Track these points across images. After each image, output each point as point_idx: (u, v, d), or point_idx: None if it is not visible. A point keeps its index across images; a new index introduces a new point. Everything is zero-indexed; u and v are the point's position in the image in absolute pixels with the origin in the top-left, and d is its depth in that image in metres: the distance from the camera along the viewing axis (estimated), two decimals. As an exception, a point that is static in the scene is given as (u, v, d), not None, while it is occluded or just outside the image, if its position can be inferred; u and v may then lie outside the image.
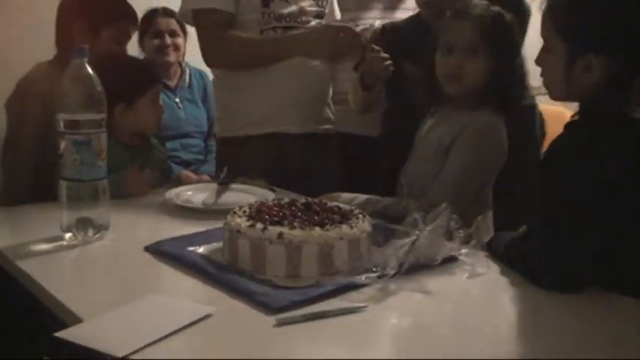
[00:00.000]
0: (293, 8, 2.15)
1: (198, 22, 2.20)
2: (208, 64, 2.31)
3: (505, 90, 1.75)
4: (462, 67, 1.74)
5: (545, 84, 1.45)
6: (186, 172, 2.64)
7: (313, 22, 2.21)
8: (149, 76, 2.08)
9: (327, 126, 2.32)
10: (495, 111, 1.76)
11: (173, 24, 3.02)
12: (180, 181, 2.39)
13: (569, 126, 1.39)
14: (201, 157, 2.98)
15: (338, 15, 2.43)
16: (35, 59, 2.20)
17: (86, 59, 1.52)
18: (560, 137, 1.38)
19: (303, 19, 2.16)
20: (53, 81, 1.85)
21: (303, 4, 2.17)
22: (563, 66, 1.37)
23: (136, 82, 2.02)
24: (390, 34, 2.32)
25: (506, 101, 1.77)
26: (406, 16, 2.43)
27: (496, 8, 1.76)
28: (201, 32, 2.19)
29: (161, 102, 2.15)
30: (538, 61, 1.44)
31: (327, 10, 2.27)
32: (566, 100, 1.45)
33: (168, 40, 2.97)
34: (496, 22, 1.74)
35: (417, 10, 2.33)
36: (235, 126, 2.24)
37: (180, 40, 3.00)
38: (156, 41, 2.98)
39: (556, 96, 1.44)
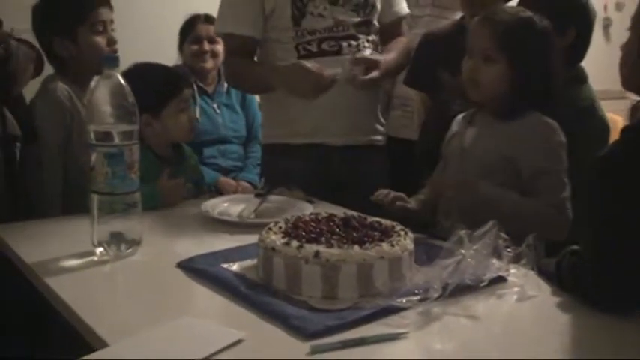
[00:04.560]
0: (329, 22, 2.06)
1: (224, 44, 2.32)
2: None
3: (530, 97, 1.66)
4: (479, 72, 1.68)
5: (620, 71, 1.40)
6: (226, 179, 2.61)
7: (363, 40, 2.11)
8: (172, 86, 2.01)
9: (374, 137, 2.22)
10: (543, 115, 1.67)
11: (213, 31, 2.99)
12: (218, 189, 2.35)
13: (621, 133, 1.31)
14: (240, 164, 2.94)
15: (404, 9, 2.27)
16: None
17: (118, 68, 1.48)
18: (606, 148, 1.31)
19: (340, 28, 2.07)
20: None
21: (341, 17, 2.07)
22: (635, 52, 1.34)
23: (158, 92, 1.95)
24: (429, 43, 2.24)
25: (539, 108, 1.67)
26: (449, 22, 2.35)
27: (526, 14, 1.68)
28: (224, 56, 2.33)
29: (198, 108, 2.10)
30: (622, 46, 1.39)
31: (374, 20, 2.15)
32: (630, 89, 1.40)
33: (207, 46, 2.94)
34: (519, 29, 1.66)
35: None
36: (278, 133, 2.19)
37: (218, 47, 2.96)
38: (194, 47, 2.96)
39: (622, 81, 1.39)
